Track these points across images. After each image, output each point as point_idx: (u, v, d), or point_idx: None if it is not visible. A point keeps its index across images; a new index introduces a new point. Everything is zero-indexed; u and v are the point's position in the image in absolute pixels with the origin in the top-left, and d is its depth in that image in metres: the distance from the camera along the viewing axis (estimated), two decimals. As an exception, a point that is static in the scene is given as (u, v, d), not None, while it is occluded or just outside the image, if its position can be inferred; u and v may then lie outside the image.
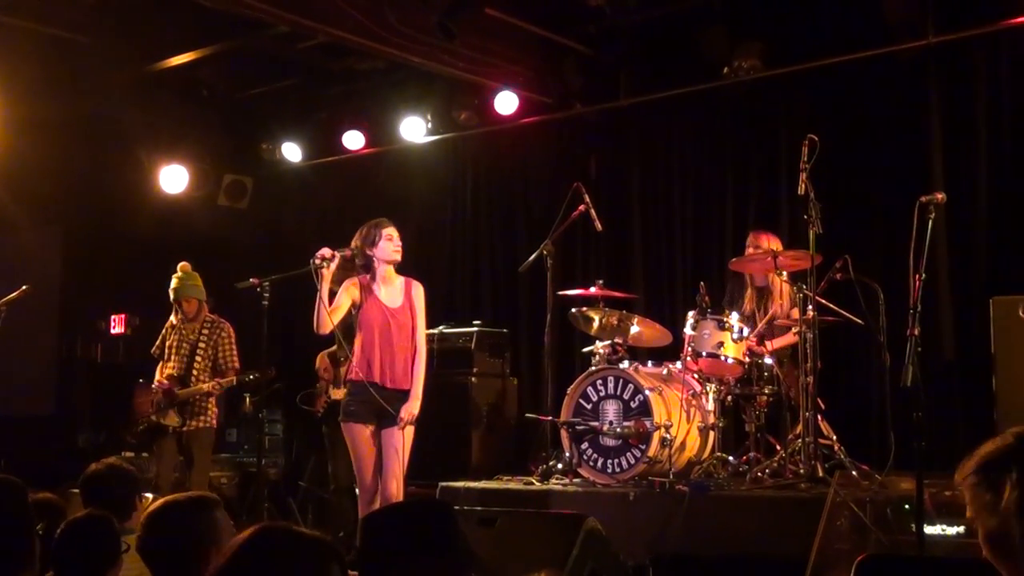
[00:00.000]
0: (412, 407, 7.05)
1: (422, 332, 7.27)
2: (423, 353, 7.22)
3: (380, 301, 7.14)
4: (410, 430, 7.04)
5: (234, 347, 8.87)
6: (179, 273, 8.87)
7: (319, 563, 2.42)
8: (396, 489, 6.99)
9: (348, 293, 7.18)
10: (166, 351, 8.86)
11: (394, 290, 7.22)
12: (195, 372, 8.69)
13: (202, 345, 8.75)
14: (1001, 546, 2.50)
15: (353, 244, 7.21)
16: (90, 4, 9.90)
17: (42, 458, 11.11)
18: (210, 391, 8.63)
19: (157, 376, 8.86)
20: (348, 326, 7.35)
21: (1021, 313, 7.65)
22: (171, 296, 8.85)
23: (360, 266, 7.23)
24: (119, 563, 4.00)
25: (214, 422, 8.82)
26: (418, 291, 7.30)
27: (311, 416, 9.59)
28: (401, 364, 7.09)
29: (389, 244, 7.15)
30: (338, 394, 8.52)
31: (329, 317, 7.03)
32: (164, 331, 8.98)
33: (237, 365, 8.82)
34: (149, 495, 6.28)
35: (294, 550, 2.42)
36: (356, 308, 7.18)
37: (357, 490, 7.34)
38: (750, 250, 8.37)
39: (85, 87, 11.20)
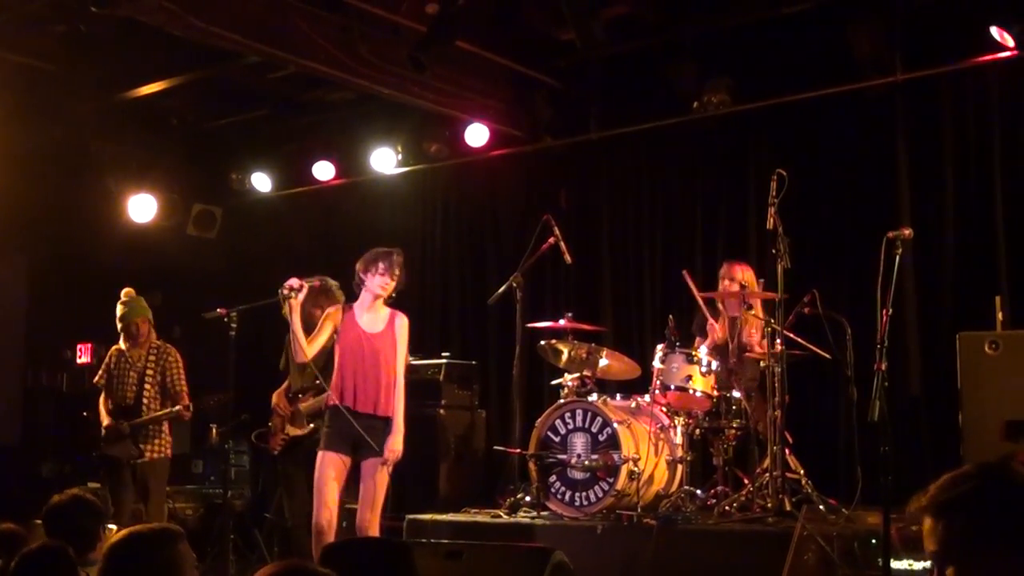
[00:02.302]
0: (395, 444, 6.96)
1: (402, 364, 7.17)
2: (402, 385, 7.13)
3: (359, 326, 7.09)
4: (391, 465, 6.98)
5: (182, 372, 8.75)
6: (124, 298, 8.77)
7: None
8: (371, 520, 6.92)
9: (331, 319, 7.15)
10: (111, 380, 8.77)
11: (377, 319, 7.16)
12: (145, 400, 8.58)
13: (150, 372, 8.64)
14: None
15: (358, 265, 7.19)
16: (59, 33, 9.87)
17: (6, 489, 11.00)
18: (162, 418, 8.53)
19: (101, 408, 8.76)
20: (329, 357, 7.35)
21: (987, 349, 7.68)
22: (119, 324, 8.75)
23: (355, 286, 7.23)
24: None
25: (169, 452, 8.72)
26: (402, 322, 7.21)
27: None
28: (372, 389, 7.00)
29: (379, 278, 7.09)
30: (296, 432, 8.44)
31: (306, 345, 7.02)
32: (107, 360, 8.86)
33: (185, 390, 8.70)
34: (113, 526, 6.22)
35: None
36: (337, 334, 7.15)
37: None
38: (724, 282, 8.38)
39: (54, 116, 11.16)
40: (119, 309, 8.76)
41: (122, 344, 8.79)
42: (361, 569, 2.98)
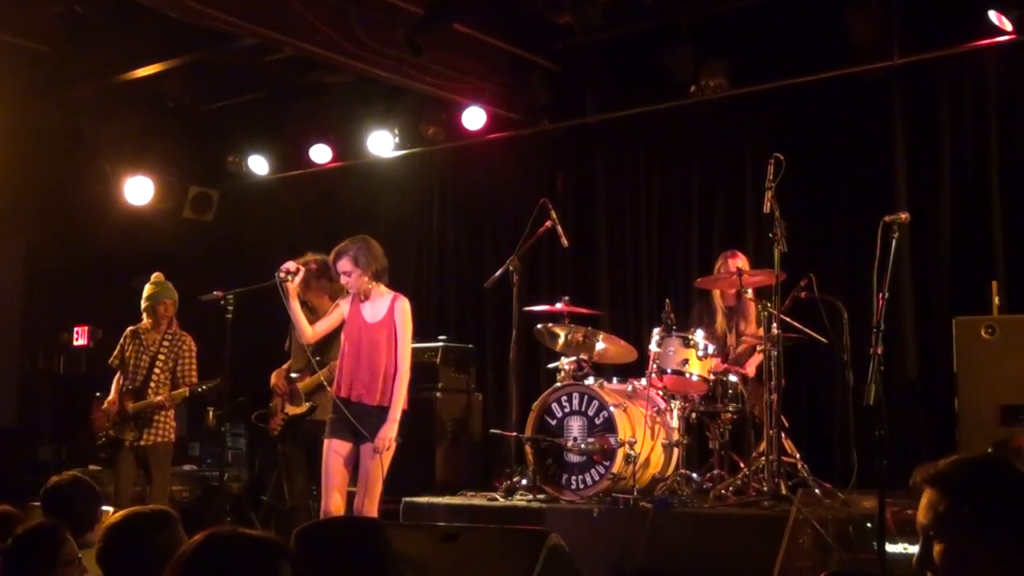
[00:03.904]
0: (386, 433, 6.92)
1: (404, 350, 7.08)
2: (404, 372, 7.06)
3: (361, 316, 7.10)
4: (388, 452, 6.98)
5: (194, 361, 8.74)
6: (154, 280, 8.78)
7: (269, 562, 2.41)
8: (366, 505, 6.94)
9: (340, 307, 7.18)
10: (124, 362, 8.77)
11: (379, 306, 7.12)
12: (152, 384, 8.58)
13: (162, 357, 8.63)
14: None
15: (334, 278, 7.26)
16: (56, 14, 9.84)
17: (4, 471, 11.00)
18: (161, 403, 8.53)
19: (113, 389, 8.76)
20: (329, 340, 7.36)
21: (983, 333, 7.70)
22: (145, 303, 8.72)
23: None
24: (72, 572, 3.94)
25: (172, 436, 8.71)
26: (401, 307, 7.12)
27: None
28: (368, 379, 6.99)
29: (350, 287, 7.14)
30: (294, 411, 8.45)
31: (307, 326, 7.06)
32: (122, 341, 8.83)
33: (195, 380, 8.69)
34: (109, 508, 6.22)
35: (243, 552, 2.40)
36: (344, 324, 7.18)
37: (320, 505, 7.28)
38: (721, 272, 8.37)
39: (50, 98, 11.13)
40: (148, 289, 8.75)
41: (145, 322, 8.77)
42: (334, 548, 2.99)
